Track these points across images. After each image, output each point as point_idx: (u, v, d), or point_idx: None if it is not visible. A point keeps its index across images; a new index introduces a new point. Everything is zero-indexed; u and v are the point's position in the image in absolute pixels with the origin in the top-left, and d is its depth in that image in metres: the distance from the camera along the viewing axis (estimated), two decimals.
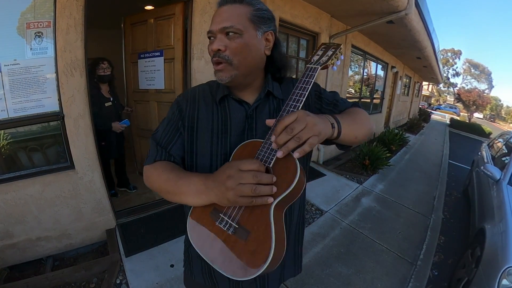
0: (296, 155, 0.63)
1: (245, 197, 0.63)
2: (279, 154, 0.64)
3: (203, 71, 2.88)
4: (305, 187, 0.77)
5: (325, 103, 0.91)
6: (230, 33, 0.75)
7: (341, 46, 0.83)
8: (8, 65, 1.85)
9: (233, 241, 0.69)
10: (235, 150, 0.77)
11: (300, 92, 0.73)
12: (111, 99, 2.93)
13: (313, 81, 0.75)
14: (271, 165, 0.68)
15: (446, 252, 3.01)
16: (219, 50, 0.76)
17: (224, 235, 0.70)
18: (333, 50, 0.82)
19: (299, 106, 0.71)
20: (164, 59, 3.04)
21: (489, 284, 1.82)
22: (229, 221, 0.70)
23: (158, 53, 3.07)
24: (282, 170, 0.67)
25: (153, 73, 3.17)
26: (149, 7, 3.32)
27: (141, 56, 3.23)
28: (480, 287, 1.92)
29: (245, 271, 0.66)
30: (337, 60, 0.82)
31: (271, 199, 0.65)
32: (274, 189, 0.65)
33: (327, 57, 0.81)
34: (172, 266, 2.20)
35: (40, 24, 1.91)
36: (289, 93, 0.77)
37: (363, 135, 0.84)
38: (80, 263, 2.27)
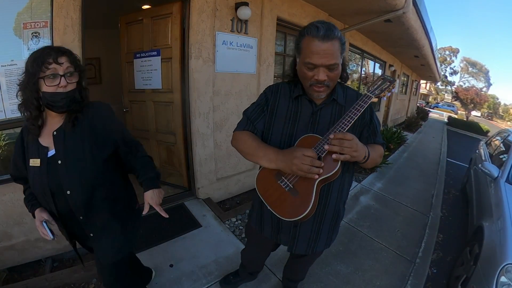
0: (334, 156, 0.98)
1: (302, 172, 0.99)
2: (334, 156, 0.99)
3: (200, 71, 2.87)
4: (346, 183, 1.27)
5: (371, 129, 1.21)
6: (333, 67, 1.03)
7: (396, 82, 1.10)
8: (5, 65, 1.84)
9: (286, 195, 1.09)
10: (300, 138, 1.12)
11: (355, 112, 1.03)
12: (56, 153, 1.14)
13: (366, 106, 1.04)
14: (322, 155, 1.02)
15: (445, 250, 3.03)
16: (324, 80, 1.04)
17: (281, 190, 1.10)
18: (388, 83, 1.08)
19: (349, 124, 1.02)
20: (161, 59, 3.03)
21: (487, 281, 1.83)
22: (288, 182, 1.09)
23: (155, 53, 3.06)
24: (328, 161, 1.02)
25: (150, 73, 3.16)
26: (146, 7, 3.31)
27: (137, 55, 3.22)
28: (478, 285, 1.93)
29: (290, 215, 1.08)
30: (389, 92, 1.10)
31: (317, 176, 1.01)
32: (321, 171, 1.00)
33: (381, 90, 1.08)
34: (171, 266, 2.20)
35: (37, 24, 1.90)
36: (351, 102, 1.10)
37: (372, 166, 1.21)
38: (79, 264, 2.26)
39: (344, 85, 1.24)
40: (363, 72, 7.41)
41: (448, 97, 45.36)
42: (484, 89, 39.88)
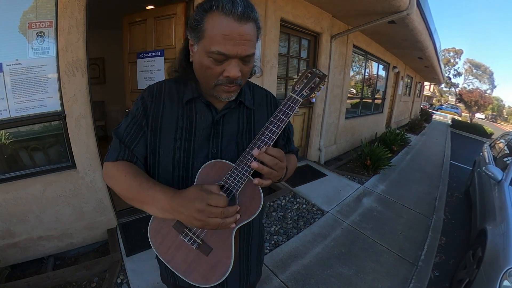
0: (255, 181, 0.71)
1: (211, 227, 0.67)
2: (256, 181, 0.72)
3: None
4: (265, 199, 0.84)
5: (285, 135, 0.99)
6: (248, 59, 0.74)
7: (326, 78, 0.80)
8: (10, 65, 1.86)
9: (195, 254, 0.77)
10: (202, 168, 0.77)
11: (278, 123, 0.73)
12: None
13: (293, 114, 0.74)
14: (238, 192, 0.73)
15: (447, 253, 3.01)
16: (237, 77, 0.73)
17: (187, 248, 0.77)
18: (318, 79, 0.78)
19: (274, 138, 0.73)
20: (164, 59, 3.03)
21: (490, 285, 1.81)
22: (194, 237, 0.76)
23: (158, 53, 3.07)
24: (247, 198, 0.74)
25: (153, 73, 3.17)
26: (150, 7, 3.32)
27: (140, 56, 3.23)
28: None
29: (206, 281, 0.76)
30: (318, 91, 0.80)
31: (233, 225, 0.71)
32: (238, 216, 0.70)
33: (310, 89, 0.78)
34: None
35: (42, 24, 1.92)
36: (261, 105, 0.91)
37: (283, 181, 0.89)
38: (81, 262, 2.27)
39: (250, 82, 0.95)
40: (366, 74, 7.39)
41: (452, 99, 45.12)
42: (488, 91, 39.50)
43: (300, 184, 3.96)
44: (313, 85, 0.78)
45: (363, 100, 7.41)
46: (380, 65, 8.15)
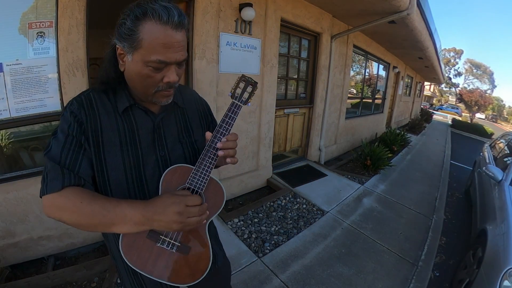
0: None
1: (191, 226, 0.74)
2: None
3: (204, 71, 2.88)
4: None
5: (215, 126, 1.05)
6: (184, 63, 0.79)
7: (257, 85, 0.89)
8: (10, 65, 1.86)
9: (176, 257, 0.81)
10: (164, 174, 0.81)
11: (227, 126, 0.83)
12: None
13: (236, 117, 0.84)
14: (203, 191, 0.81)
15: (448, 253, 3.01)
16: (176, 81, 0.78)
17: (167, 253, 0.80)
18: (251, 87, 0.86)
19: (227, 134, 0.83)
20: None
21: (490, 285, 1.81)
22: (172, 241, 0.80)
23: None
24: (212, 195, 0.84)
25: None
26: None
27: None
28: None
29: (193, 277, 0.83)
30: (252, 96, 0.89)
31: (205, 221, 0.78)
32: (208, 212, 0.78)
33: (248, 94, 0.87)
34: None
35: (42, 24, 1.92)
36: (190, 102, 0.99)
37: None
38: (82, 262, 2.27)
39: None
40: (367, 74, 7.39)
41: (452, 99, 45.10)
42: (489, 91, 39.42)
43: (300, 184, 3.96)
44: (248, 92, 0.86)
45: (363, 100, 7.41)
46: (380, 65, 8.15)
